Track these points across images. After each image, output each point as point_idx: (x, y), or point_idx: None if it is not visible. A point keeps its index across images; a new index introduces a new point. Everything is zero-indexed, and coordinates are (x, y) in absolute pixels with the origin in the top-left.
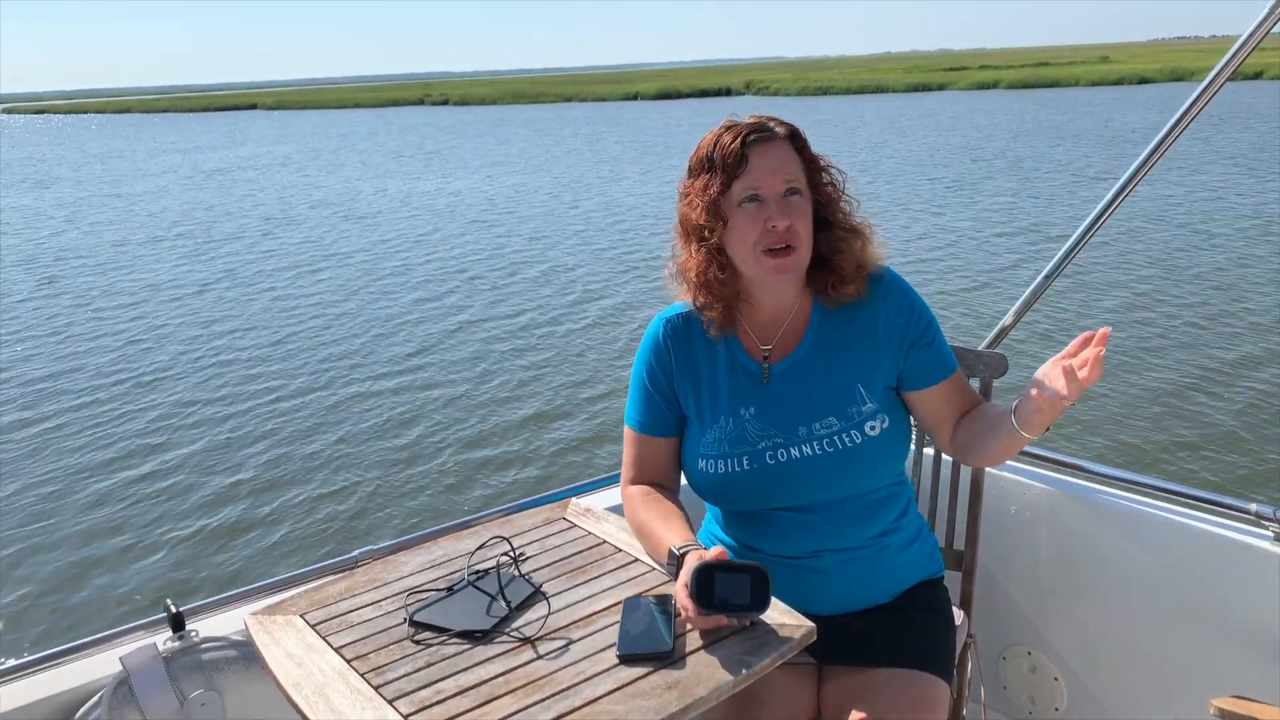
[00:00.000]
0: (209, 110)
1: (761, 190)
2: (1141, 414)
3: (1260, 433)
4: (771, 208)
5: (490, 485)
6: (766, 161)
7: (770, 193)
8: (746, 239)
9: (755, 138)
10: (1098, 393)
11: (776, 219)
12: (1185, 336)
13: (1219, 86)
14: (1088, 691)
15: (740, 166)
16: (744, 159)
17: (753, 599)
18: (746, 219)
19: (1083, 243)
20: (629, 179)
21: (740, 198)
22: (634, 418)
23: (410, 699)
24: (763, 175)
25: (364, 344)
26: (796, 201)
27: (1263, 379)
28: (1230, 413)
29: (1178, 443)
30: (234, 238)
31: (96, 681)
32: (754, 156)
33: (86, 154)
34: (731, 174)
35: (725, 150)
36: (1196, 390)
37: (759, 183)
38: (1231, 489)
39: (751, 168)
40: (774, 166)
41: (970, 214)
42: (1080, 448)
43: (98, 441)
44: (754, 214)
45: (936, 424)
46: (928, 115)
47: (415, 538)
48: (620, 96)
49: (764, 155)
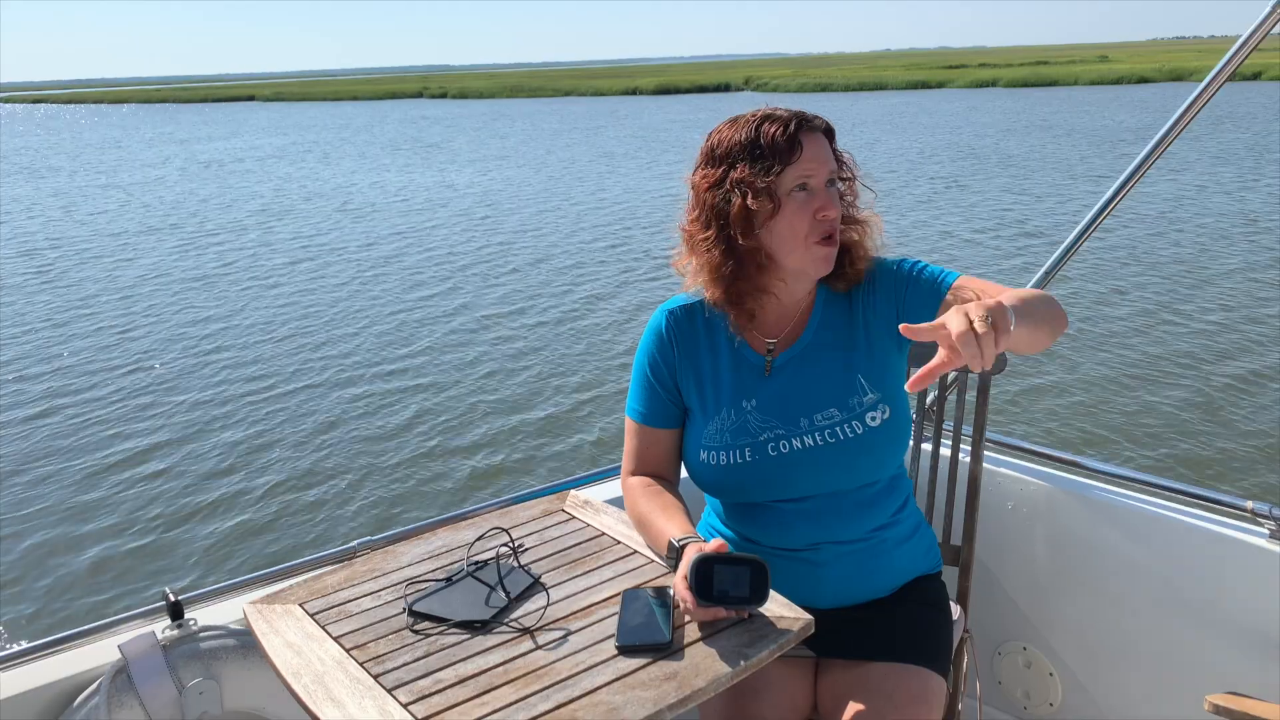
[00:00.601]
0: (206, 101)
1: (812, 179)
2: (1141, 411)
3: (1258, 430)
4: (822, 196)
5: (490, 477)
6: (816, 150)
7: (818, 182)
8: (798, 228)
9: (807, 127)
10: (1097, 390)
11: (828, 209)
12: (1184, 334)
13: (1218, 86)
14: (1083, 687)
15: (794, 154)
16: (797, 146)
17: (752, 592)
18: (797, 208)
19: (1082, 240)
20: (629, 173)
21: (791, 185)
22: (635, 409)
23: (409, 688)
24: (814, 165)
25: (362, 335)
26: (835, 193)
27: (1262, 376)
28: (1228, 410)
29: (1175, 439)
30: (228, 229)
31: (95, 669)
32: (807, 144)
33: (82, 144)
34: (785, 161)
35: (776, 138)
36: (1195, 387)
37: (810, 171)
38: (1228, 486)
39: (805, 156)
40: (822, 157)
41: (969, 211)
42: (1078, 444)
43: (97, 430)
44: (805, 203)
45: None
46: (926, 112)
47: (414, 528)
48: (619, 91)
49: (813, 144)
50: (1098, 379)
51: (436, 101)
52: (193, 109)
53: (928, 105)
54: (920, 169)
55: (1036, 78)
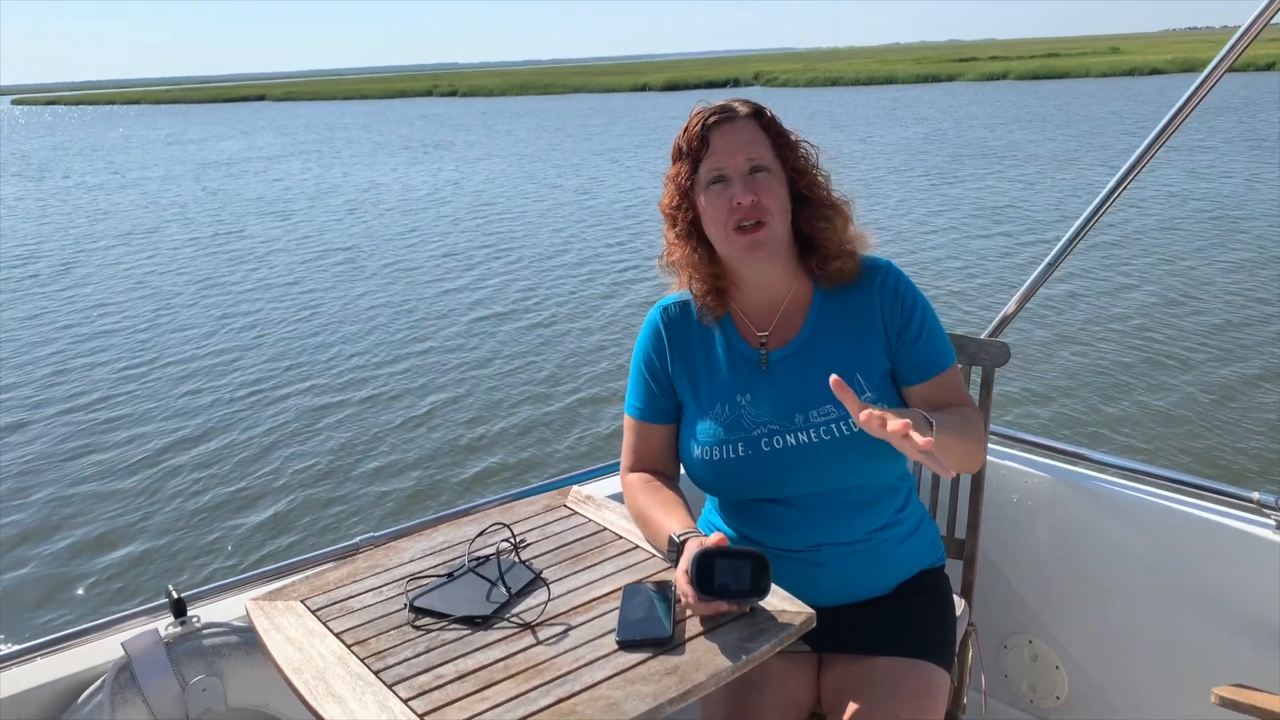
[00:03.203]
0: (217, 101)
1: (726, 170)
2: (1144, 402)
3: (1263, 421)
4: (736, 186)
5: (491, 472)
6: (728, 142)
7: (734, 171)
8: (718, 220)
9: (715, 119)
10: (1102, 381)
11: (740, 195)
12: (1188, 325)
13: (1219, 76)
14: (1089, 680)
15: (703, 150)
16: (705, 142)
17: (753, 585)
18: (713, 200)
19: (1084, 231)
20: (638, 169)
21: (706, 180)
22: (633, 405)
23: (410, 684)
24: (725, 156)
25: (365, 332)
26: (763, 178)
27: (1269, 368)
28: (1234, 401)
29: (1181, 431)
30: (234, 233)
31: (99, 666)
32: (715, 139)
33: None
34: (696, 157)
35: (690, 135)
36: (1200, 378)
37: (722, 163)
38: (1234, 478)
39: (713, 150)
40: (735, 145)
41: (973, 202)
42: (1083, 436)
43: (101, 428)
44: (720, 193)
45: None
46: (934, 105)
47: (416, 524)
48: (629, 88)
49: (725, 136)
50: (1103, 371)
51: (446, 99)
52: (205, 109)
53: (938, 98)
54: (928, 159)
55: (1047, 70)
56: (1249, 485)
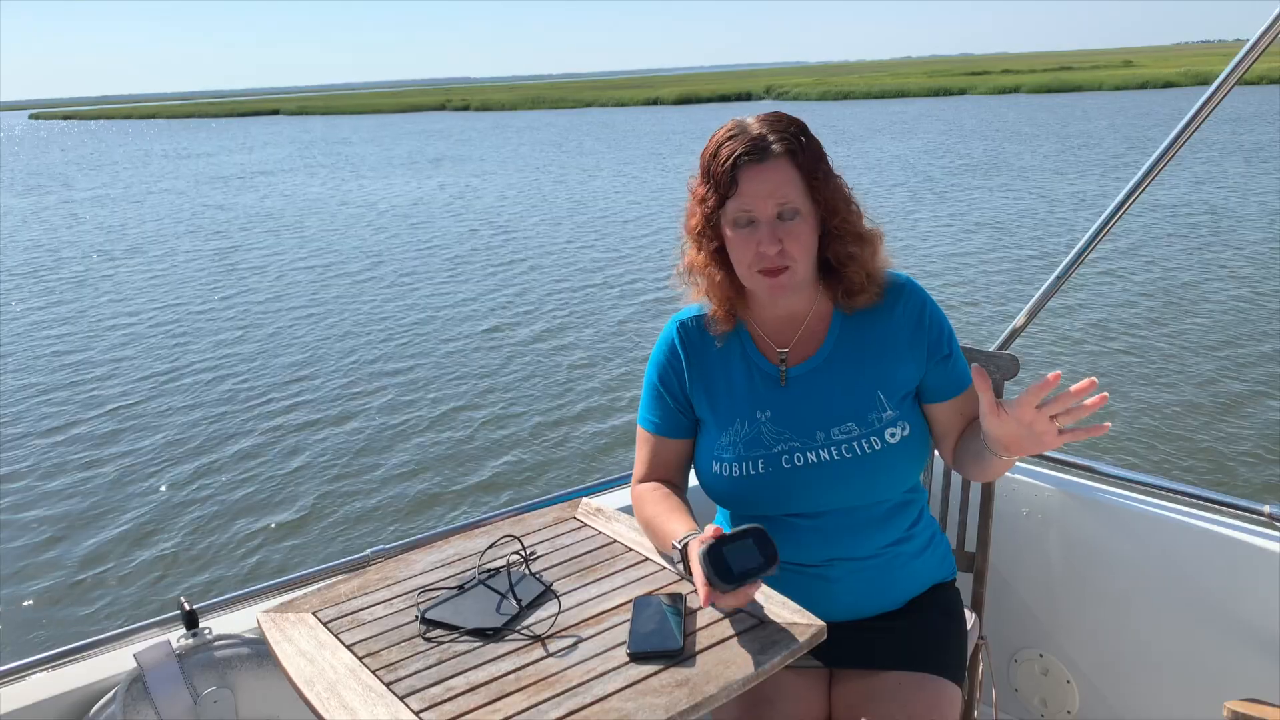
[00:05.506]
0: (232, 116)
1: (754, 214)
2: (1155, 415)
3: (1274, 434)
4: (762, 231)
5: (501, 485)
6: (758, 186)
7: (763, 215)
8: (741, 259)
9: (748, 160)
10: (1112, 393)
11: (766, 245)
12: (1199, 337)
13: (1228, 89)
14: (1100, 694)
15: (732, 189)
16: (734, 181)
17: (764, 557)
18: (739, 240)
19: (1094, 244)
20: (649, 182)
21: (733, 218)
22: (647, 418)
23: (421, 696)
24: (754, 200)
25: (376, 344)
26: (791, 225)
27: (1277, 379)
28: (1244, 413)
29: (1191, 444)
30: (250, 242)
31: (111, 678)
32: (744, 180)
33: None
34: (724, 194)
35: (720, 167)
36: (1209, 391)
37: (750, 205)
38: (1245, 490)
39: (742, 191)
40: (766, 190)
41: (983, 215)
42: (1092, 449)
43: (112, 440)
44: (746, 237)
45: (943, 436)
46: (946, 119)
47: (427, 537)
48: (640, 101)
49: (755, 179)
50: (1111, 383)
51: (459, 114)
52: (220, 123)
53: (948, 112)
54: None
55: (1059, 83)
56: (1260, 498)
